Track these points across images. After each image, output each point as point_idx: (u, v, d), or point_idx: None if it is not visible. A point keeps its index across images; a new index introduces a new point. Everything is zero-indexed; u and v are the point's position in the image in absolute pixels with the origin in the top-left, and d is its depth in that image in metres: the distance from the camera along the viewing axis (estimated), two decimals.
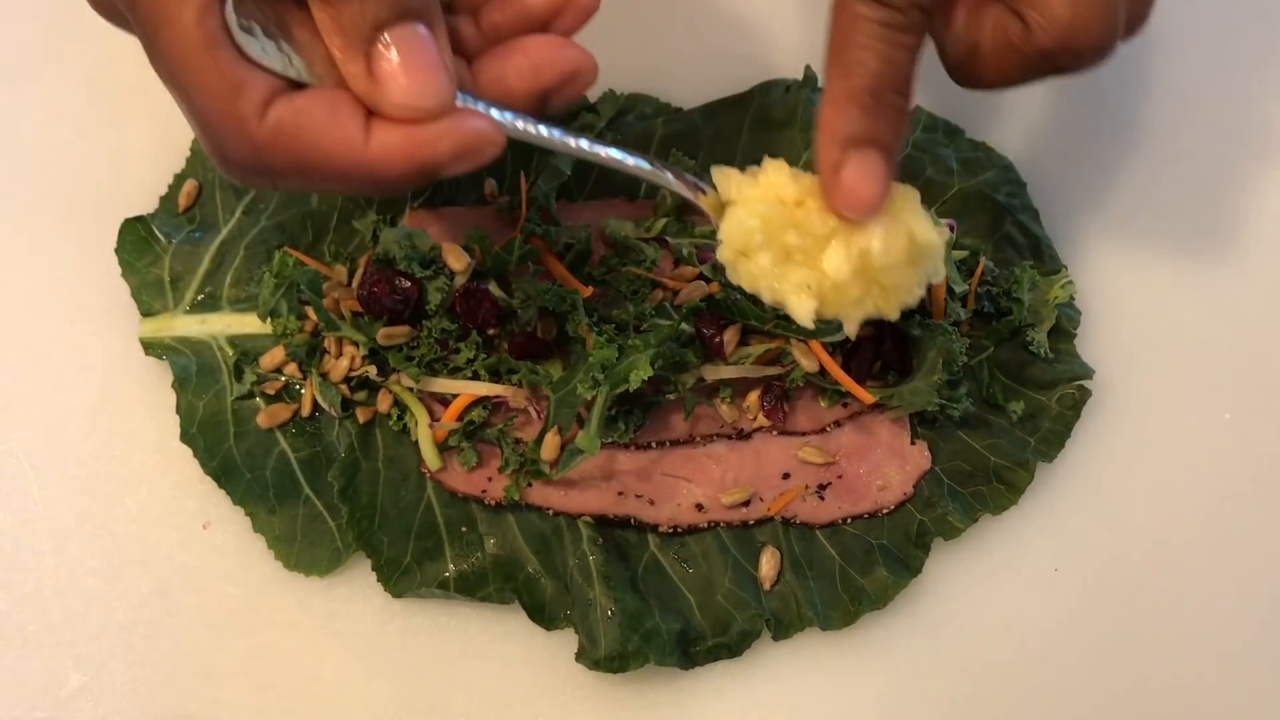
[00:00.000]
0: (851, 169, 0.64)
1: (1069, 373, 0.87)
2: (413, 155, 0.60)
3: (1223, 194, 0.96)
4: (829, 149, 0.64)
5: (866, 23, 0.63)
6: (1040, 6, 0.63)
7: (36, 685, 0.79)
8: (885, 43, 0.63)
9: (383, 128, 0.60)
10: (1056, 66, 0.65)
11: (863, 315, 0.69)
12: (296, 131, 0.60)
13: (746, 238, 0.68)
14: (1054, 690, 0.83)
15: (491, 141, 0.62)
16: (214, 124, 0.60)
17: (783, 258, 0.68)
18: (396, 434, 0.83)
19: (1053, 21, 0.63)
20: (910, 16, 0.63)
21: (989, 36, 0.66)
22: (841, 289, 0.67)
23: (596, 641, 0.78)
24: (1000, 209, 0.90)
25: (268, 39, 0.60)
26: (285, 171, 0.61)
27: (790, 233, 0.67)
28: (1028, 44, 0.64)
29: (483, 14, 0.67)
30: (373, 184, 0.62)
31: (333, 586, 0.82)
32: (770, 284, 0.69)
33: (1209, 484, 0.88)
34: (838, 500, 0.84)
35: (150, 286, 0.85)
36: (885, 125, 0.64)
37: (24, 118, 0.91)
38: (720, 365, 0.82)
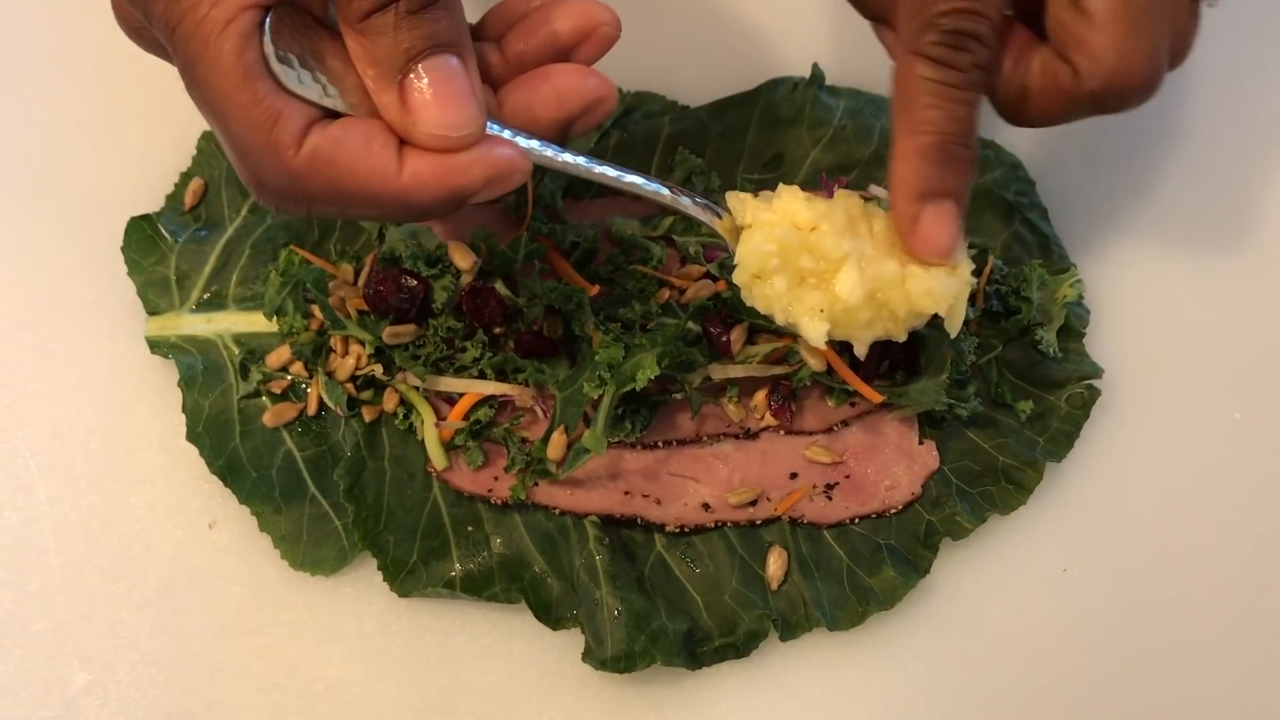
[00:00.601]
0: (928, 221, 0.68)
1: (1078, 372, 0.86)
2: (444, 183, 0.62)
3: (1233, 192, 0.95)
4: (905, 203, 0.68)
5: (930, 83, 0.66)
6: (1087, 52, 0.65)
7: (42, 684, 0.79)
8: (950, 100, 0.66)
9: (415, 156, 0.62)
10: (1103, 107, 0.68)
11: (872, 337, 0.72)
12: (332, 160, 0.61)
13: (763, 262, 0.71)
14: (1063, 691, 0.83)
15: (519, 169, 0.64)
16: (252, 152, 0.61)
17: (797, 281, 0.71)
18: (402, 433, 0.83)
19: (1099, 66, 0.65)
20: (971, 76, 0.66)
21: (1036, 79, 0.68)
22: (853, 312, 0.70)
23: (603, 641, 0.77)
24: (1009, 207, 0.90)
25: (303, 69, 0.61)
26: (321, 198, 0.62)
27: (805, 257, 0.70)
28: (1076, 87, 0.66)
29: (507, 43, 0.69)
30: (405, 210, 0.63)
31: (338, 586, 0.82)
32: (784, 307, 0.72)
33: (1219, 484, 0.88)
34: (845, 500, 0.83)
35: (156, 285, 0.85)
36: (955, 177, 0.68)
37: (30, 116, 0.91)
38: (727, 364, 0.82)
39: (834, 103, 0.91)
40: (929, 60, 0.66)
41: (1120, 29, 0.65)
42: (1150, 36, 0.66)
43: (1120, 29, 0.65)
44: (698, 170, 0.88)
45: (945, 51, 0.65)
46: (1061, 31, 0.67)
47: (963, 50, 0.65)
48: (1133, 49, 0.65)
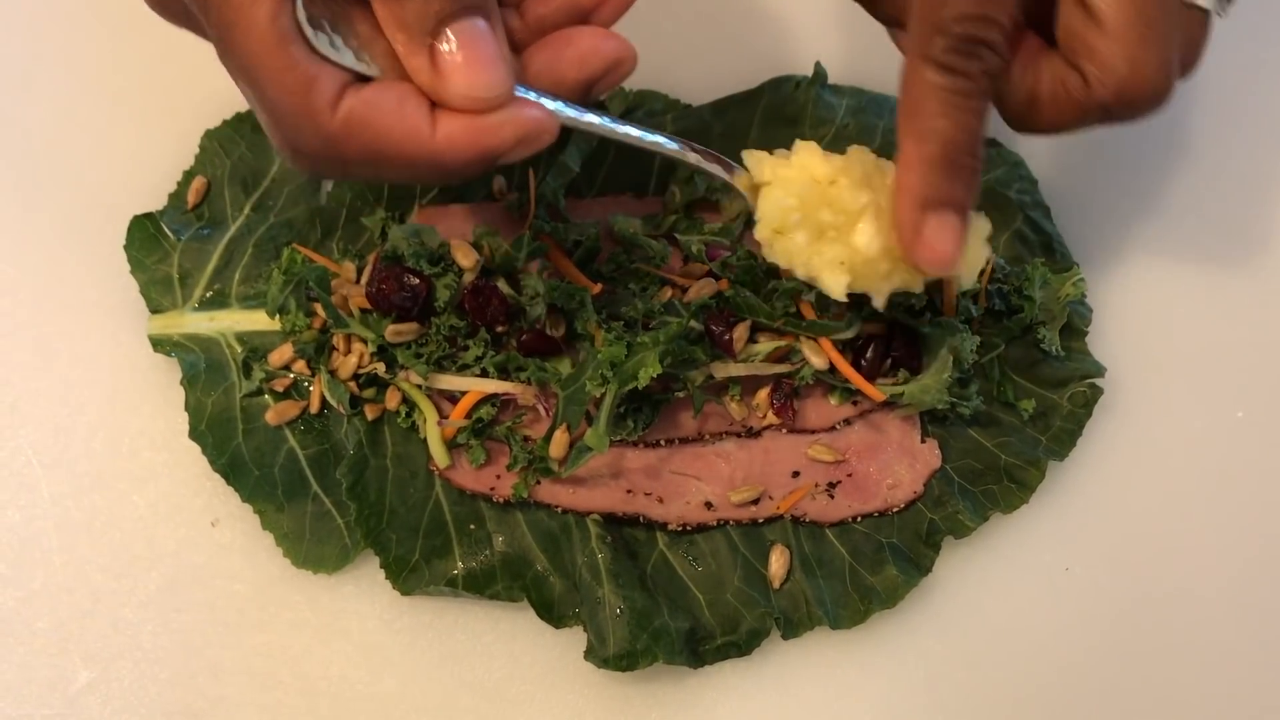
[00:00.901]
0: (931, 230, 0.67)
1: (1081, 371, 0.86)
2: (477, 143, 0.63)
3: (1236, 191, 0.95)
4: (909, 211, 0.67)
5: (939, 90, 0.65)
6: (1098, 61, 0.65)
7: (45, 682, 0.79)
8: (958, 109, 0.65)
9: (447, 118, 0.63)
10: (1113, 117, 0.67)
11: (890, 289, 0.72)
12: (367, 123, 0.62)
13: (784, 216, 0.71)
14: (1065, 689, 0.83)
15: (548, 129, 0.64)
16: (287, 117, 0.62)
17: (817, 235, 0.71)
18: (405, 431, 0.83)
19: (1111, 75, 0.65)
20: (981, 84, 0.65)
21: (1046, 88, 0.68)
22: (872, 264, 0.71)
23: (605, 640, 0.77)
24: (1011, 206, 0.90)
25: (335, 34, 0.62)
26: (357, 161, 0.63)
27: (824, 210, 0.71)
28: (1086, 97, 0.66)
29: (527, 6, 0.69)
30: (438, 171, 0.64)
31: (340, 584, 0.82)
32: (805, 260, 0.72)
33: (1222, 483, 0.87)
34: (847, 499, 0.83)
35: (159, 283, 0.85)
36: (960, 187, 0.67)
37: (32, 115, 0.91)
38: (729, 363, 0.82)
39: (837, 101, 0.91)
40: (939, 67, 0.64)
41: (1133, 38, 0.64)
42: (1162, 46, 0.65)
43: (1133, 38, 0.64)
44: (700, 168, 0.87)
45: (956, 58, 0.64)
46: (1072, 39, 0.66)
47: (974, 58, 0.64)
48: (1145, 58, 0.65)
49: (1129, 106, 0.66)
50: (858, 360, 0.83)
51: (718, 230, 0.85)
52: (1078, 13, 0.66)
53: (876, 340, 0.82)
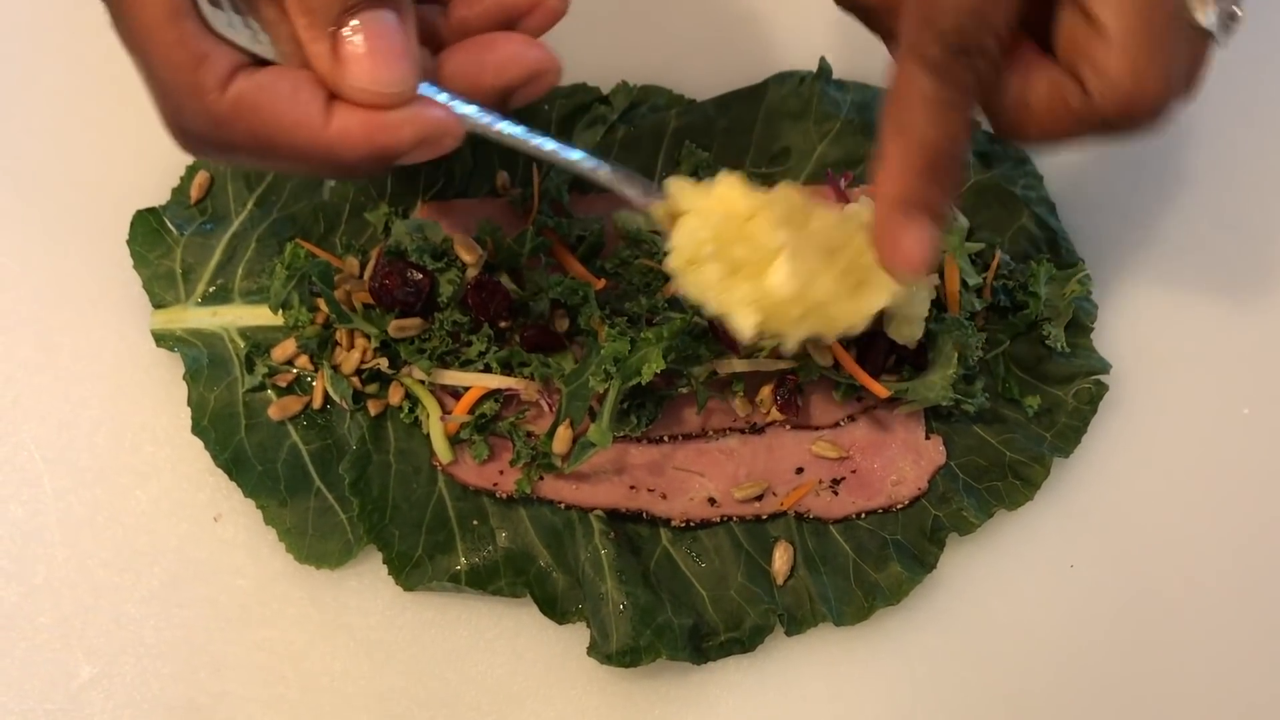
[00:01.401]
0: (906, 234, 0.65)
1: (1086, 367, 0.86)
2: (372, 139, 0.61)
3: (1244, 187, 0.95)
4: (887, 213, 0.65)
5: (928, 95, 0.63)
6: (1100, 71, 0.62)
7: (47, 677, 0.79)
8: (946, 116, 0.63)
9: (344, 111, 0.61)
10: (1111, 131, 0.65)
11: (803, 335, 0.70)
12: (257, 107, 0.60)
13: (697, 248, 0.69)
14: (1069, 687, 0.82)
15: (450, 132, 0.63)
16: (173, 93, 0.60)
17: (730, 271, 0.69)
18: (408, 427, 0.83)
19: (1113, 87, 0.62)
20: (972, 91, 0.63)
21: (1043, 97, 0.65)
22: (784, 307, 0.68)
23: (608, 636, 0.77)
24: (1017, 202, 0.89)
25: (234, 13, 0.60)
26: (243, 146, 0.61)
27: (740, 246, 0.68)
28: (1085, 108, 0.64)
29: (453, 7, 0.68)
30: (330, 166, 0.62)
31: (343, 580, 0.82)
32: (716, 296, 0.69)
33: (1227, 480, 0.87)
34: (851, 495, 0.83)
35: (162, 278, 0.85)
36: (940, 194, 0.65)
37: (35, 110, 0.91)
38: (733, 359, 0.82)
39: (841, 96, 0.91)
40: (930, 71, 0.62)
41: (1137, 49, 0.61)
42: (1168, 61, 0.63)
43: (1137, 49, 0.61)
44: (704, 164, 0.87)
45: (945, 61, 0.62)
46: (1073, 49, 0.64)
47: (967, 65, 0.62)
48: (1149, 72, 0.62)
49: (1130, 120, 0.64)
50: (862, 356, 0.82)
51: None
52: (1080, 21, 0.63)
53: (881, 337, 0.82)
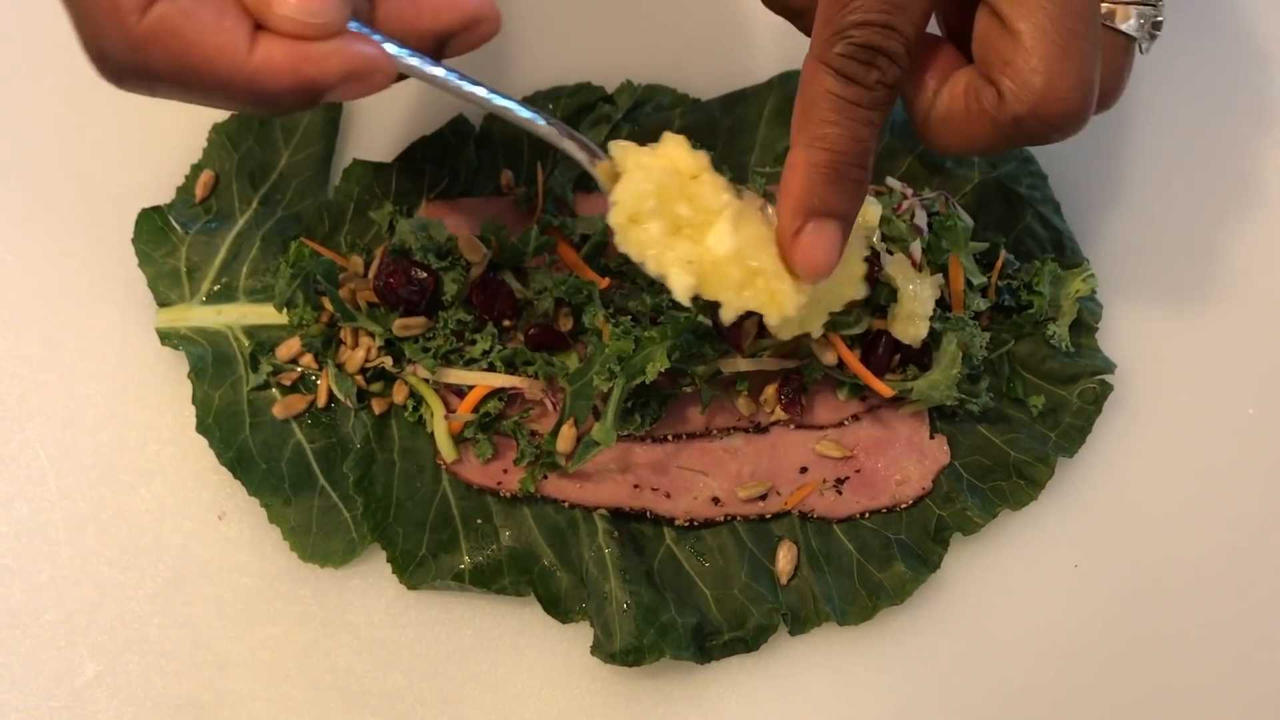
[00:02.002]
0: (809, 237, 0.65)
1: (1090, 367, 0.86)
2: (298, 70, 0.60)
3: (1248, 187, 0.95)
4: (790, 217, 0.65)
5: (833, 98, 0.63)
6: (1014, 75, 0.62)
7: (52, 675, 0.79)
8: (851, 119, 0.63)
9: (269, 40, 0.60)
10: (1027, 135, 0.64)
11: (742, 306, 0.69)
12: (178, 31, 0.59)
13: (639, 202, 0.68)
14: (1073, 687, 0.82)
15: (380, 69, 0.62)
16: (93, 15, 0.59)
17: (672, 229, 0.68)
18: (412, 425, 0.83)
19: (1027, 90, 0.62)
20: (877, 94, 0.63)
21: (960, 102, 0.65)
22: (722, 268, 0.68)
23: (612, 635, 0.77)
24: (1021, 201, 0.89)
25: None
26: (163, 74, 0.60)
27: (683, 204, 0.68)
28: (1000, 111, 0.63)
29: None
30: (253, 97, 0.61)
31: (347, 578, 0.82)
32: (656, 254, 0.69)
33: (1231, 480, 0.87)
34: (855, 495, 0.83)
35: (166, 277, 0.85)
36: (845, 198, 0.65)
37: (41, 108, 0.91)
38: (737, 358, 0.82)
39: None
40: (835, 73, 0.62)
41: (1049, 52, 0.61)
42: (1080, 63, 0.62)
43: (1049, 52, 0.61)
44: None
45: (853, 65, 0.62)
46: (988, 52, 0.64)
47: (871, 66, 0.62)
48: (1061, 73, 0.62)
49: (1043, 123, 0.63)
50: (866, 356, 0.82)
51: None
52: (995, 25, 0.63)
53: (886, 336, 0.82)
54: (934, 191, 0.88)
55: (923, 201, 0.86)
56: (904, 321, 0.80)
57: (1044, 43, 0.61)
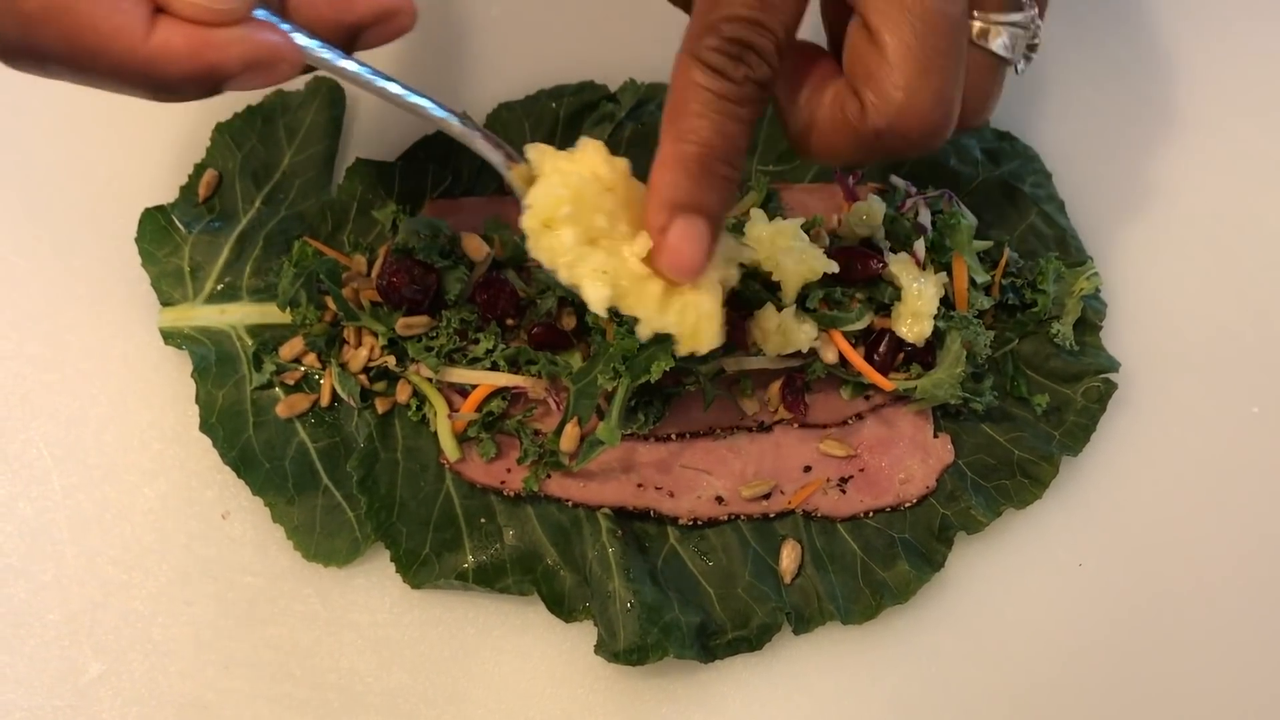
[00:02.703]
0: (676, 233, 0.64)
1: (1094, 365, 0.86)
2: (197, 56, 0.60)
3: (1252, 186, 0.95)
4: (656, 212, 0.65)
5: (702, 92, 0.62)
6: (875, 87, 0.62)
7: (56, 674, 0.79)
8: (719, 114, 0.63)
9: (169, 25, 0.60)
10: (887, 147, 0.64)
11: (660, 328, 0.68)
12: (70, 10, 0.58)
13: (554, 208, 0.67)
14: (1077, 686, 0.82)
15: (285, 59, 0.62)
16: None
17: (586, 239, 0.67)
18: (415, 425, 0.83)
19: (886, 103, 0.62)
20: (746, 90, 0.62)
21: (826, 111, 0.65)
22: (640, 282, 0.67)
23: (616, 634, 0.77)
24: (1025, 199, 0.89)
25: None
26: (54, 54, 0.59)
27: (599, 214, 0.67)
28: (861, 122, 0.63)
29: None
30: (150, 82, 0.60)
31: (351, 577, 0.82)
32: (569, 263, 0.68)
33: (1236, 478, 0.87)
34: (859, 493, 0.83)
35: (170, 276, 0.85)
36: (712, 194, 0.64)
37: (44, 108, 0.91)
38: (741, 357, 0.82)
39: None
40: (705, 67, 0.62)
41: (911, 68, 0.62)
42: (941, 80, 0.62)
43: (911, 68, 0.62)
44: None
45: (722, 60, 0.62)
46: (855, 64, 0.64)
47: (740, 62, 0.62)
48: (921, 90, 0.62)
49: (901, 136, 0.63)
50: (870, 353, 0.82)
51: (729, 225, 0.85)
52: (864, 38, 0.63)
53: (889, 334, 0.82)
54: (938, 190, 0.88)
55: (926, 200, 0.86)
56: (908, 320, 0.80)
57: (907, 59, 0.61)
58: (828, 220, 0.85)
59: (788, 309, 0.79)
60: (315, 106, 0.88)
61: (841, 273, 0.80)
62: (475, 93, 0.89)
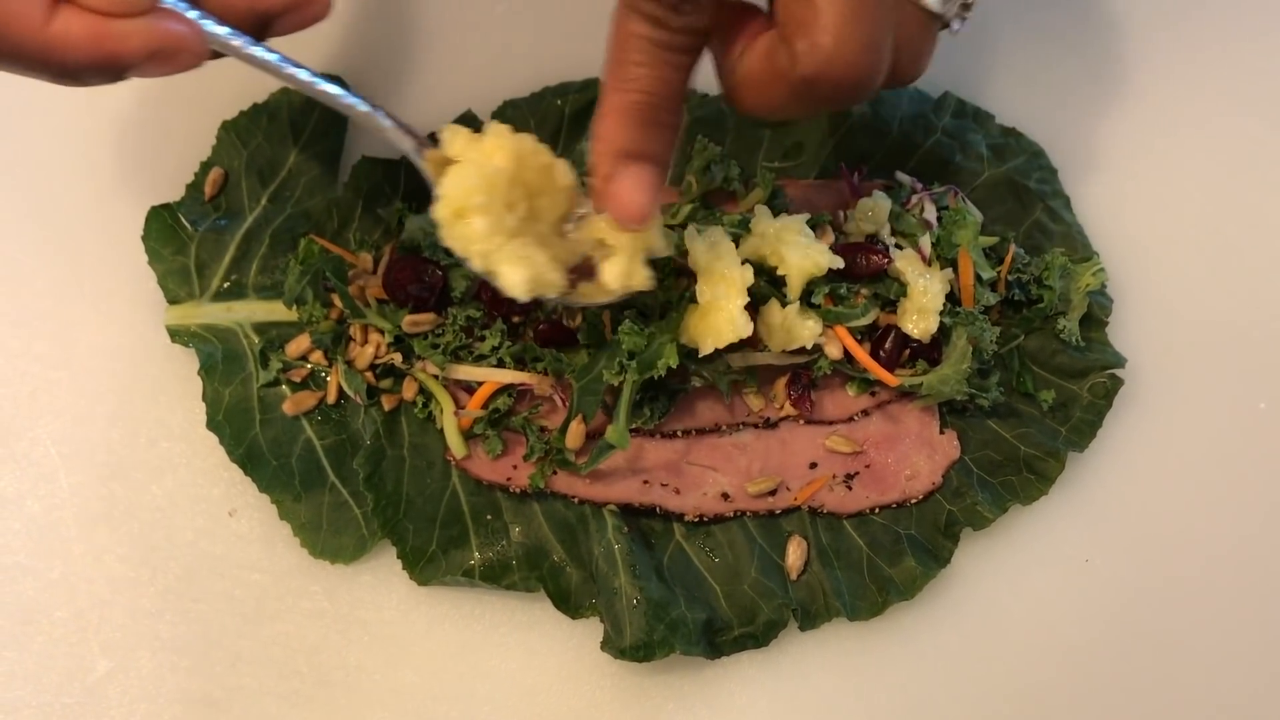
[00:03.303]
0: (623, 181, 0.66)
1: (1101, 361, 0.86)
2: (98, 45, 0.60)
3: (1258, 181, 0.94)
4: (603, 161, 0.66)
5: (642, 40, 0.64)
6: (805, 35, 0.63)
7: (64, 671, 0.79)
8: (659, 62, 0.64)
9: (70, 12, 0.60)
10: (819, 96, 0.64)
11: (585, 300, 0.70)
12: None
13: (466, 196, 0.68)
14: (1084, 682, 0.82)
15: (189, 49, 0.62)
16: None
17: (499, 225, 0.68)
18: (421, 421, 0.83)
19: (815, 49, 0.62)
20: (684, 38, 0.64)
21: (758, 63, 0.66)
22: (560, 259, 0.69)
23: (622, 630, 0.77)
24: (1031, 195, 0.89)
25: None
26: None
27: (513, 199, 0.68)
28: (793, 72, 0.63)
29: None
30: (49, 67, 0.61)
31: (357, 574, 0.82)
32: (483, 250, 0.69)
33: (1242, 474, 0.87)
34: (865, 490, 0.83)
35: (176, 274, 0.85)
36: (657, 140, 0.66)
37: (51, 107, 0.91)
38: (747, 352, 0.82)
39: None
40: (642, 16, 0.63)
41: (838, 15, 0.62)
42: (869, 28, 0.62)
43: (838, 15, 0.62)
44: (716, 158, 0.87)
45: (659, 9, 0.63)
46: (786, 14, 0.64)
47: (676, 10, 0.63)
48: (849, 36, 0.62)
49: (831, 83, 0.63)
50: (876, 350, 0.82)
51: (735, 221, 0.85)
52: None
53: (895, 330, 0.82)
54: (943, 186, 0.88)
55: (932, 196, 0.86)
56: (913, 316, 0.80)
57: (834, 6, 0.62)
58: (833, 216, 0.85)
59: (792, 305, 0.80)
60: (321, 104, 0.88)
61: (846, 268, 0.80)
62: (481, 90, 0.89)
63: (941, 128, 0.90)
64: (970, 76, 0.92)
